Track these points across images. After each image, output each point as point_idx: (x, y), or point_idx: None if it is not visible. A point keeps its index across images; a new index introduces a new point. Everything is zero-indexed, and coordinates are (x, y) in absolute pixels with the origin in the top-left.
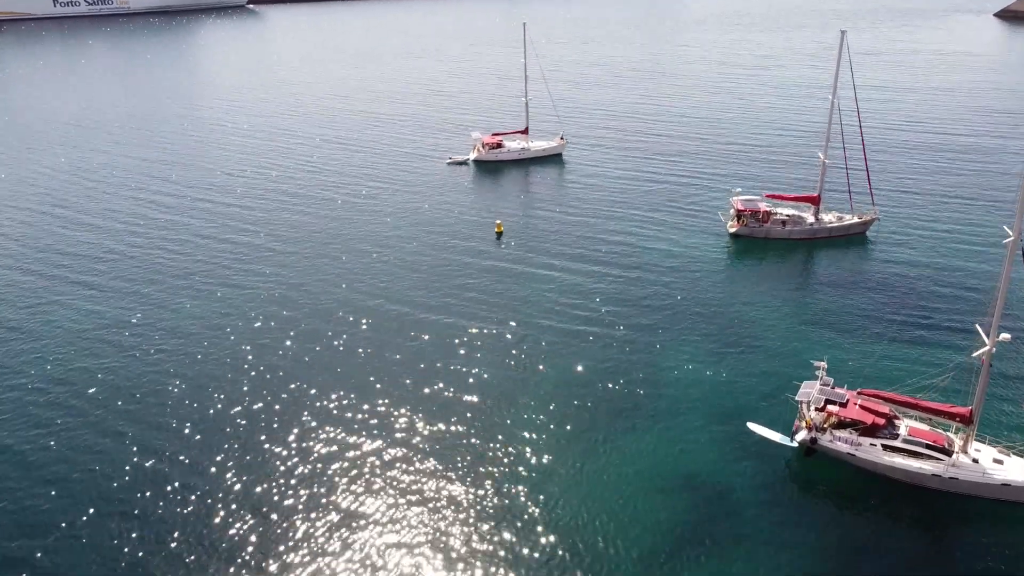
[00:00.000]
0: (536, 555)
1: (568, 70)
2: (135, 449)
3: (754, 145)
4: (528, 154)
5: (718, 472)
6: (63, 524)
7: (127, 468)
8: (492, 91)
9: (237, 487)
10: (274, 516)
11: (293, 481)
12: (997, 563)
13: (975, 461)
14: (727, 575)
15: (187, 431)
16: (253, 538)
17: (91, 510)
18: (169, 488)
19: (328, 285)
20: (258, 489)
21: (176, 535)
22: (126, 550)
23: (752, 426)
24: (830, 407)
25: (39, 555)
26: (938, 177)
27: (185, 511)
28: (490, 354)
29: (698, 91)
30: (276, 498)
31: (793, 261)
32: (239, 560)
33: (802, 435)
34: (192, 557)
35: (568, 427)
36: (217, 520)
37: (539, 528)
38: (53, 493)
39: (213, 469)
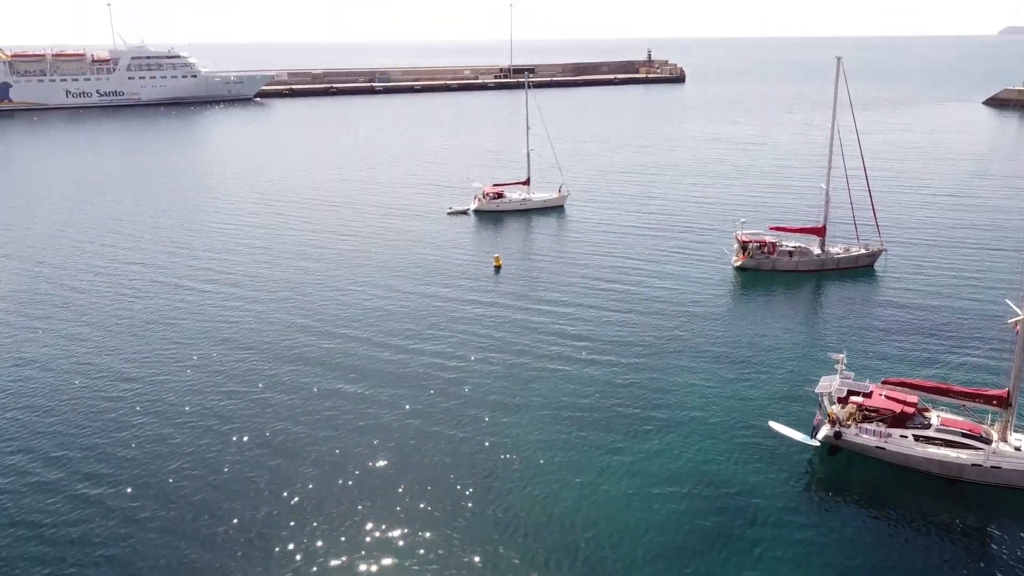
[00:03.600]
0: (550, 559)
1: (569, 138)
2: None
3: (755, 184)
4: (529, 204)
5: (738, 476)
6: None
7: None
8: (494, 151)
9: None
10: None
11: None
12: None
13: (1017, 450)
14: None
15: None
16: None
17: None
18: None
19: (321, 325)
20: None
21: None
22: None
23: (774, 425)
24: (853, 398)
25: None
26: (944, 213)
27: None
28: (490, 382)
29: (696, 154)
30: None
31: (803, 290)
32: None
33: (825, 430)
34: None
35: (580, 441)
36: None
37: (553, 534)
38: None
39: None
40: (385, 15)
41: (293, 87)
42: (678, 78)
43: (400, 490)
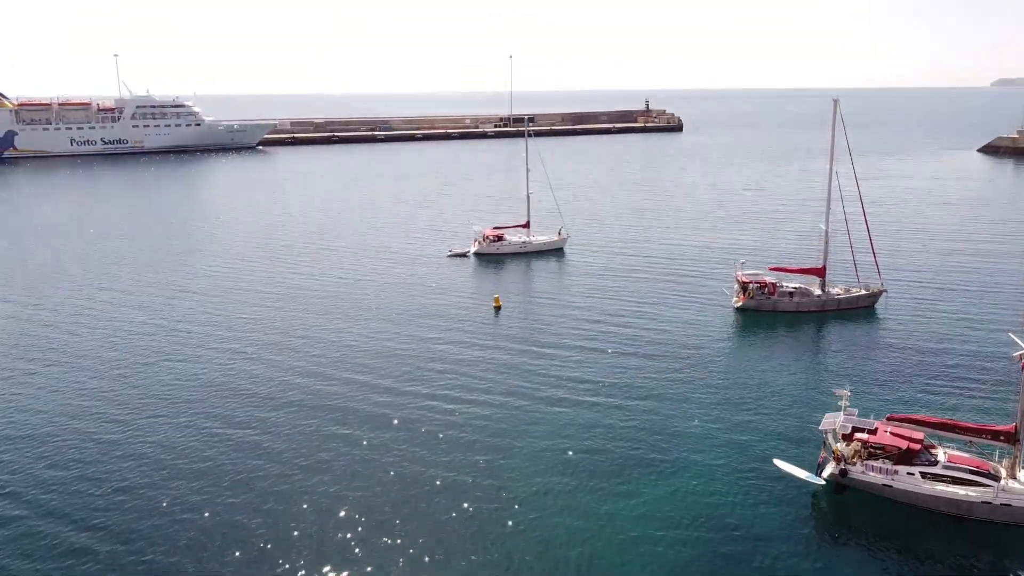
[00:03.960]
0: None
1: (569, 183)
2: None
3: (754, 227)
4: (530, 247)
5: (744, 517)
6: None
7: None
8: (493, 196)
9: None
10: None
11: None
12: None
13: None
14: None
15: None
16: None
17: None
18: None
19: (318, 368)
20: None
21: None
22: None
23: (779, 463)
24: (858, 435)
25: None
26: (944, 255)
27: None
28: (489, 424)
29: (695, 199)
30: None
31: (805, 330)
32: None
33: (830, 468)
34: None
35: (582, 485)
36: None
37: None
38: None
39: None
40: (385, 14)
41: (295, 135)
42: (676, 127)
43: (397, 534)
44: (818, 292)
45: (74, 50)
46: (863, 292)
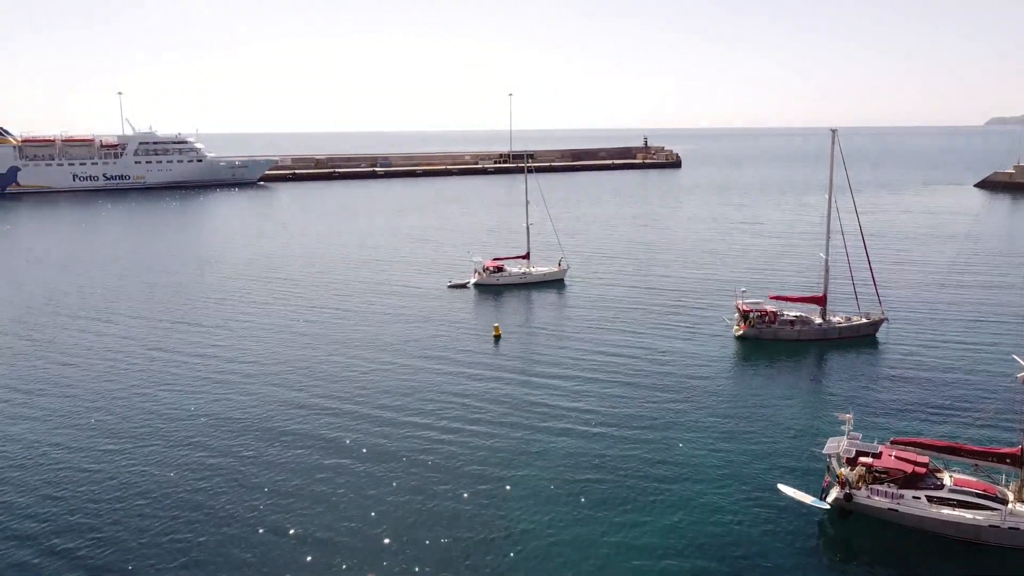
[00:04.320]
0: None
1: (569, 216)
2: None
3: (754, 257)
4: (530, 278)
5: (749, 545)
6: None
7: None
8: (493, 229)
9: None
10: None
11: None
12: None
13: None
14: None
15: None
16: None
17: None
18: None
19: (318, 400)
20: None
21: None
22: None
23: (783, 487)
24: (863, 459)
25: None
26: (945, 285)
27: None
28: (490, 455)
29: (695, 231)
30: None
31: (807, 357)
32: None
33: (835, 493)
34: None
35: (585, 516)
36: None
37: None
38: None
39: None
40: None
41: (296, 171)
42: (674, 163)
43: (395, 565)
44: (819, 320)
45: (79, 88)
46: (864, 320)
